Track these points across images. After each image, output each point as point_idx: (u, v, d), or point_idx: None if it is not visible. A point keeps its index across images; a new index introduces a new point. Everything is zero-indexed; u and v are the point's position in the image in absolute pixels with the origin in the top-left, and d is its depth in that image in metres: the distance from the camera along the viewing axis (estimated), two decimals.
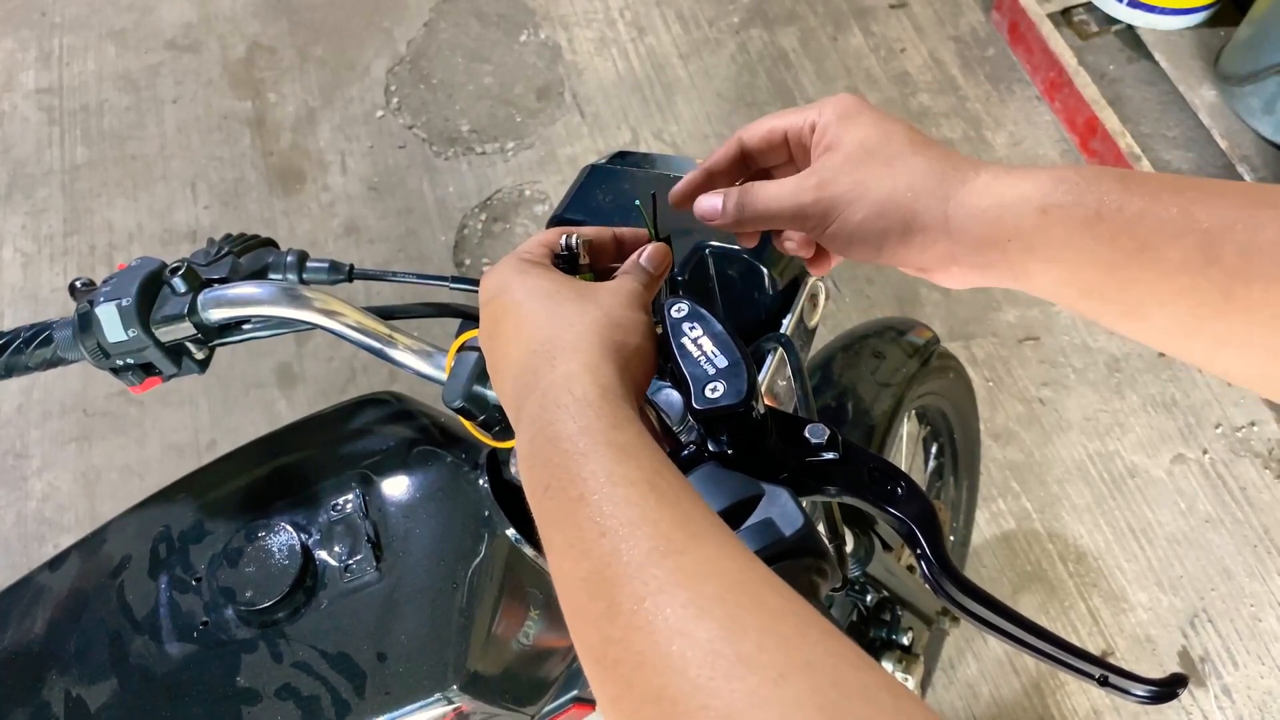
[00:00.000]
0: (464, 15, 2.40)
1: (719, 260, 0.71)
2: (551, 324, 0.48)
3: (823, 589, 0.48)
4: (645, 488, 0.40)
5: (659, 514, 0.39)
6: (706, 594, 0.35)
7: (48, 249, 2.10)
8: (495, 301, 0.52)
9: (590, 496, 0.40)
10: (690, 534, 0.38)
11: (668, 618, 0.35)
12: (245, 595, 0.73)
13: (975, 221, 0.47)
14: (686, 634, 0.34)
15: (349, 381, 1.91)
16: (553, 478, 0.42)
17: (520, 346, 0.49)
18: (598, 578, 0.38)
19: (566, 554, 0.40)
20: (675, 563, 0.37)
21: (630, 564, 0.37)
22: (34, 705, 0.73)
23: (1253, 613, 1.60)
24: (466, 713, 0.74)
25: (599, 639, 0.37)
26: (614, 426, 0.43)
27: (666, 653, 0.34)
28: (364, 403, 0.86)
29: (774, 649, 0.33)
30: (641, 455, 0.42)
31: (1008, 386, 1.83)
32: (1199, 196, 0.42)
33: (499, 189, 2.12)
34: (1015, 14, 2.17)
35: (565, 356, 0.46)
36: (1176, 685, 0.50)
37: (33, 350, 0.74)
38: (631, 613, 0.36)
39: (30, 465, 1.85)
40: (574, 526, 0.40)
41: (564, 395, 0.44)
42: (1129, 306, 0.44)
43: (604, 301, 0.50)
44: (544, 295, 0.50)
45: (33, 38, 2.42)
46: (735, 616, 0.34)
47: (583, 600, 0.39)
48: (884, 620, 1.10)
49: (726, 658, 0.33)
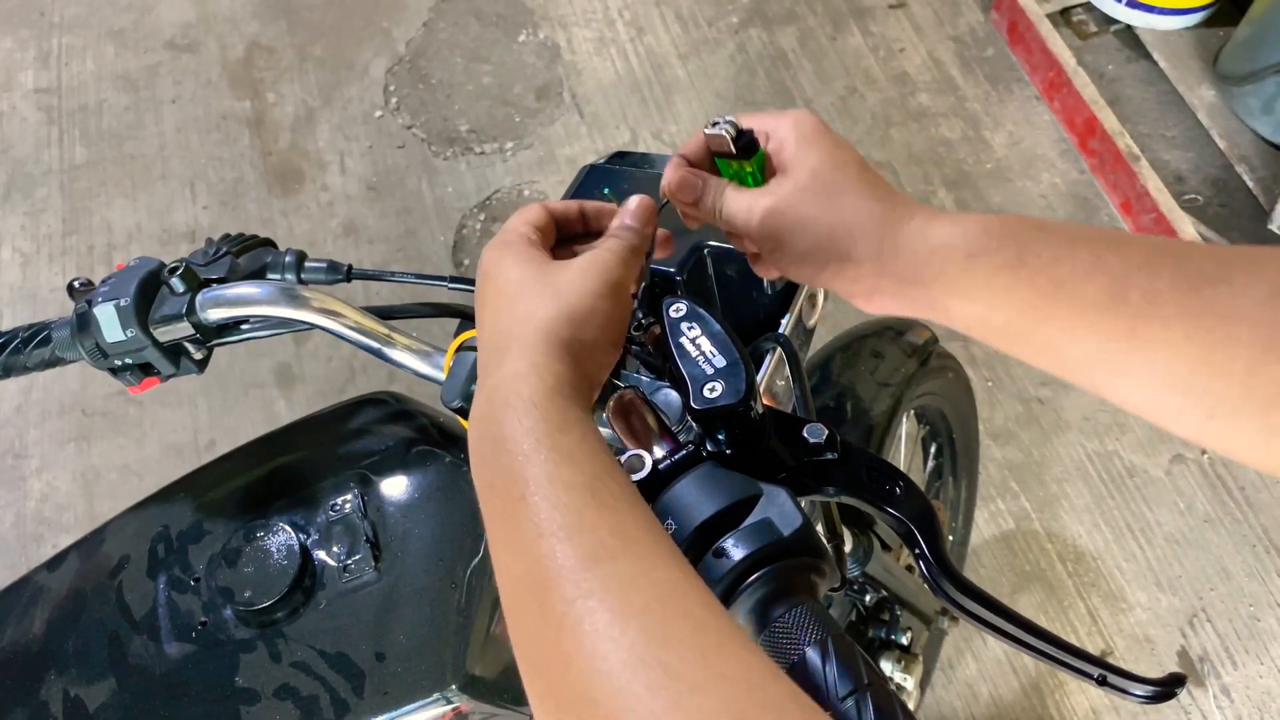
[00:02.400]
0: (463, 15, 2.40)
1: (717, 260, 0.71)
2: (508, 317, 0.49)
3: (821, 588, 0.48)
4: (586, 493, 0.41)
5: (596, 520, 0.40)
6: (635, 603, 0.37)
7: (46, 249, 2.10)
8: (480, 283, 0.53)
9: (530, 498, 0.41)
10: (625, 542, 0.39)
11: (596, 623, 0.36)
12: (244, 595, 0.73)
13: (904, 262, 0.51)
14: (612, 639, 0.36)
15: (348, 381, 1.91)
16: (496, 476, 0.43)
17: (485, 337, 0.50)
18: (532, 578, 0.39)
19: (505, 551, 0.41)
20: (608, 569, 0.38)
21: (564, 567, 0.38)
22: (32, 705, 0.73)
23: (1251, 612, 1.60)
24: (465, 712, 0.74)
25: (531, 637, 0.39)
26: (559, 429, 0.43)
27: (592, 656, 0.36)
28: (363, 403, 0.86)
29: (694, 661, 0.35)
30: (584, 460, 0.42)
31: (1006, 386, 1.83)
32: (1109, 245, 0.46)
33: (498, 189, 2.12)
34: (1014, 14, 2.17)
35: (515, 354, 0.46)
36: (1175, 685, 0.50)
37: (31, 350, 0.74)
38: (561, 615, 0.37)
39: (29, 465, 1.85)
40: (514, 525, 0.41)
41: (511, 394, 0.45)
42: (1043, 342, 0.48)
43: (564, 292, 0.49)
44: (509, 285, 0.50)
45: (31, 37, 2.42)
46: (660, 626, 0.36)
47: (518, 598, 0.40)
48: (883, 620, 1.10)
49: (649, 665, 0.35)
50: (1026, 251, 0.47)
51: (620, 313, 0.51)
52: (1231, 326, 0.42)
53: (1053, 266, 0.46)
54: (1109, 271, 0.45)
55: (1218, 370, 0.42)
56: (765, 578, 0.45)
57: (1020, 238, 0.48)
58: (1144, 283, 0.44)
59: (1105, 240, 0.46)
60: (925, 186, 2.06)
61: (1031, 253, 0.47)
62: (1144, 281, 0.44)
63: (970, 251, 0.49)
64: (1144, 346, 0.44)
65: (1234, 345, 0.42)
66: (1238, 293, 0.42)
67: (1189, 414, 0.44)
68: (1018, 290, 0.47)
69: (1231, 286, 0.42)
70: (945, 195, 2.04)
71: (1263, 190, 1.89)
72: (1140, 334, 0.44)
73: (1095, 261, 0.46)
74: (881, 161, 2.09)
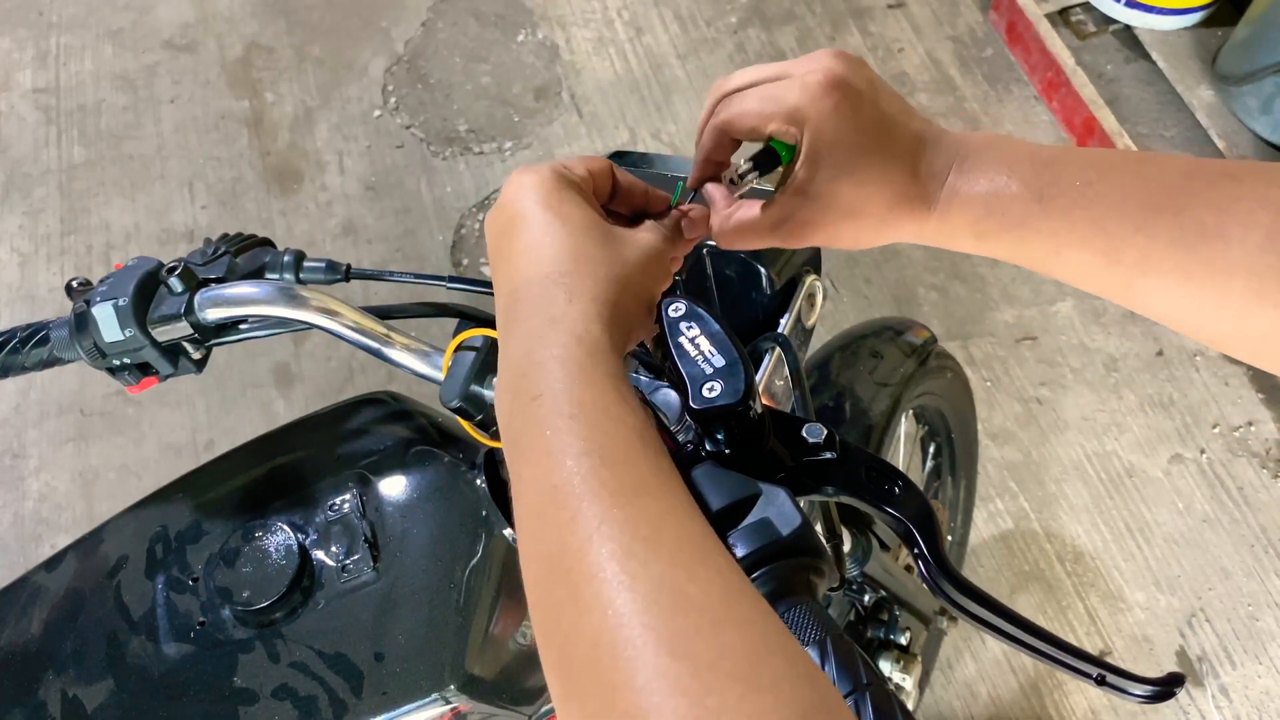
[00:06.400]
0: (462, 15, 2.40)
1: (717, 260, 0.71)
2: (576, 259, 0.48)
3: (820, 588, 0.48)
4: (634, 434, 0.42)
5: (641, 458, 0.41)
6: (666, 537, 0.38)
7: (45, 249, 2.10)
8: (522, 204, 0.50)
9: (583, 416, 0.42)
10: (663, 485, 0.41)
11: (629, 544, 0.37)
12: (242, 595, 0.72)
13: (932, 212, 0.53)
14: (642, 561, 0.37)
15: (346, 381, 1.91)
16: (548, 389, 0.43)
17: (535, 263, 0.48)
18: (569, 489, 0.40)
19: (542, 460, 0.41)
20: (645, 503, 0.39)
21: (604, 488, 0.39)
22: (30, 706, 0.73)
23: (1250, 612, 1.60)
24: (464, 713, 0.74)
25: (556, 544, 0.39)
26: (617, 375, 0.45)
27: (619, 572, 0.37)
28: (361, 403, 0.86)
29: (718, 598, 0.36)
30: (636, 406, 0.44)
31: (1005, 386, 1.83)
32: (1109, 205, 0.48)
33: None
34: (1013, 14, 2.17)
35: (584, 297, 0.47)
36: (1174, 684, 0.50)
37: (29, 350, 0.74)
38: (595, 529, 0.38)
39: (27, 465, 1.85)
40: (558, 439, 0.41)
41: (578, 326, 0.45)
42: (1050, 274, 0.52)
43: (629, 259, 0.50)
44: (575, 226, 0.49)
45: (30, 37, 2.41)
46: (687, 562, 0.37)
47: (547, 505, 0.40)
48: (882, 620, 1.10)
49: (675, 593, 0.36)
50: (1028, 226, 0.50)
51: (655, 299, 0.52)
52: (1225, 280, 0.45)
53: (1052, 238, 0.49)
54: (1107, 235, 0.48)
55: (1210, 317, 0.47)
56: (764, 577, 0.45)
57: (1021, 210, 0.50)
58: (1140, 243, 0.47)
59: (1105, 200, 0.48)
60: None
61: (1032, 229, 0.50)
62: (1140, 243, 0.47)
63: (979, 232, 0.52)
64: (1141, 295, 0.49)
65: (1227, 296, 0.45)
66: (1232, 246, 0.45)
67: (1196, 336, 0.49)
68: (1023, 248, 0.51)
69: (1227, 242, 0.45)
70: None
71: None
72: (1136, 286, 0.48)
73: (1093, 227, 0.48)
74: None
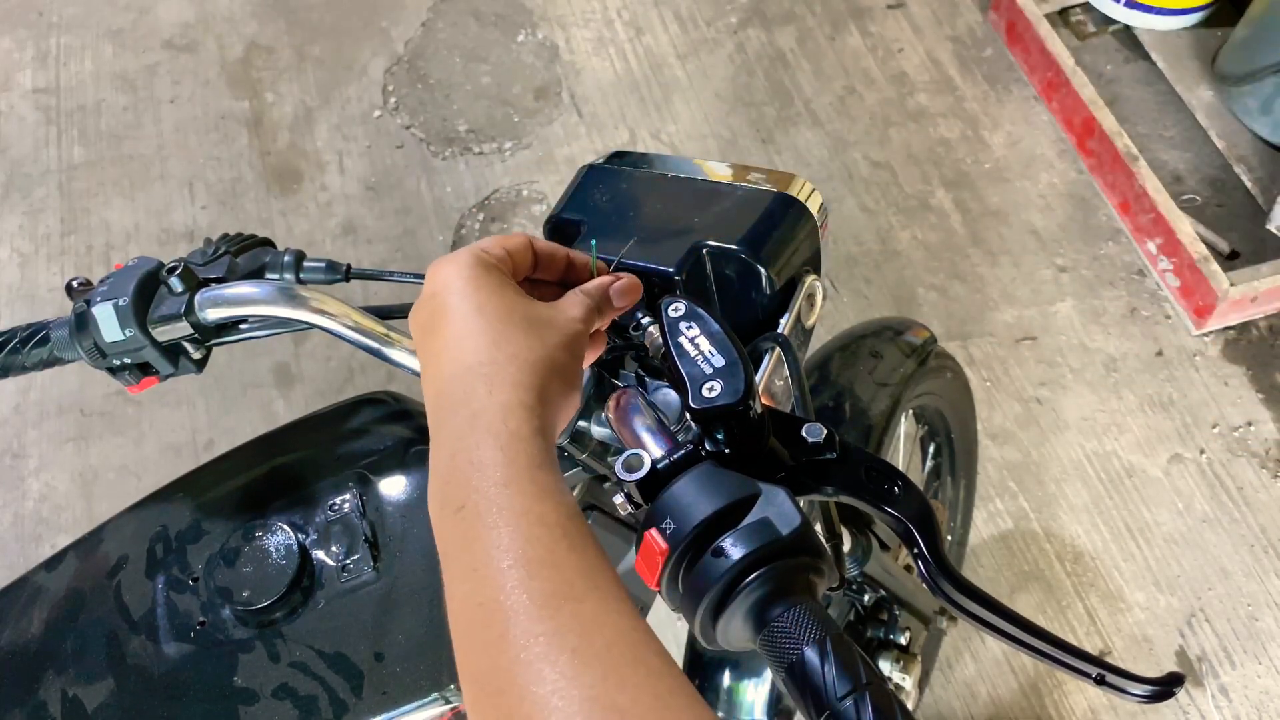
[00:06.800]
0: (462, 15, 2.40)
1: (716, 259, 0.71)
2: (496, 349, 0.48)
3: (820, 588, 0.48)
4: (559, 531, 0.42)
5: (566, 559, 0.41)
6: (596, 645, 0.38)
7: (45, 249, 2.10)
8: (442, 297, 0.50)
9: (504, 527, 0.41)
10: (590, 585, 0.40)
11: (556, 660, 0.37)
12: (242, 595, 0.73)
13: None
14: (571, 678, 0.37)
15: (346, 381, 1.91)
16: (468, 500, 0.43)
17: (456, 358, 0.48)
18: (496, 606, 0.40)
19: (469, 576, 0.42)
20: (573, 609, 0.39)
21: (531, 600, 0.39)
22: (31, 705, 0.73)
23: (1250, 612, 1.60)
24: (463, 712, 0.74)
25: (487, 665, 0.39)
26: (538, 466, 0.44)
27: (551, 693, 0.36)
28: (361, 402, 0.86)
29: (649, 706, 0.36)
30: (559, 500, 0.43)
31: (1005, 386, 1.83)
32: None
33: (496, 189, 2.12)
34: (1013, 14, 2.17)
35: (505, 387, 0.46)
36: (1173, 684, 0.50)
37: (29, 350, 0.74)
38: (522, 647, 0.38)
39: (27, 465, 1.85)
40: (483, 552, 0.41)
41: (497, 423, 0.45)
42: None
43: (549, 341, 0.49)
44: (495, 314, 0.49)
45: (30, 37, 2.41)
46: (617, 669, 0.37)
47: (477, 624, 0.40)
48: (881, 620, 1.10)
49: (605, 708, 0.36)
50: None
51: (580, 375, 0.52)
52: None
53: None
54: None
55: None
56: (764, 577, 0.45)
57: None
58: None
59: None
60: (924, 186, 2.06)
61: None
62: None
63: None
64: None
65: None
66: None
67: None
68: None
69: None
70: (944, 195, 2.04)
71: (1260, 190, 1.89)
72: None
73: None
74: (880, 162, 2.09)
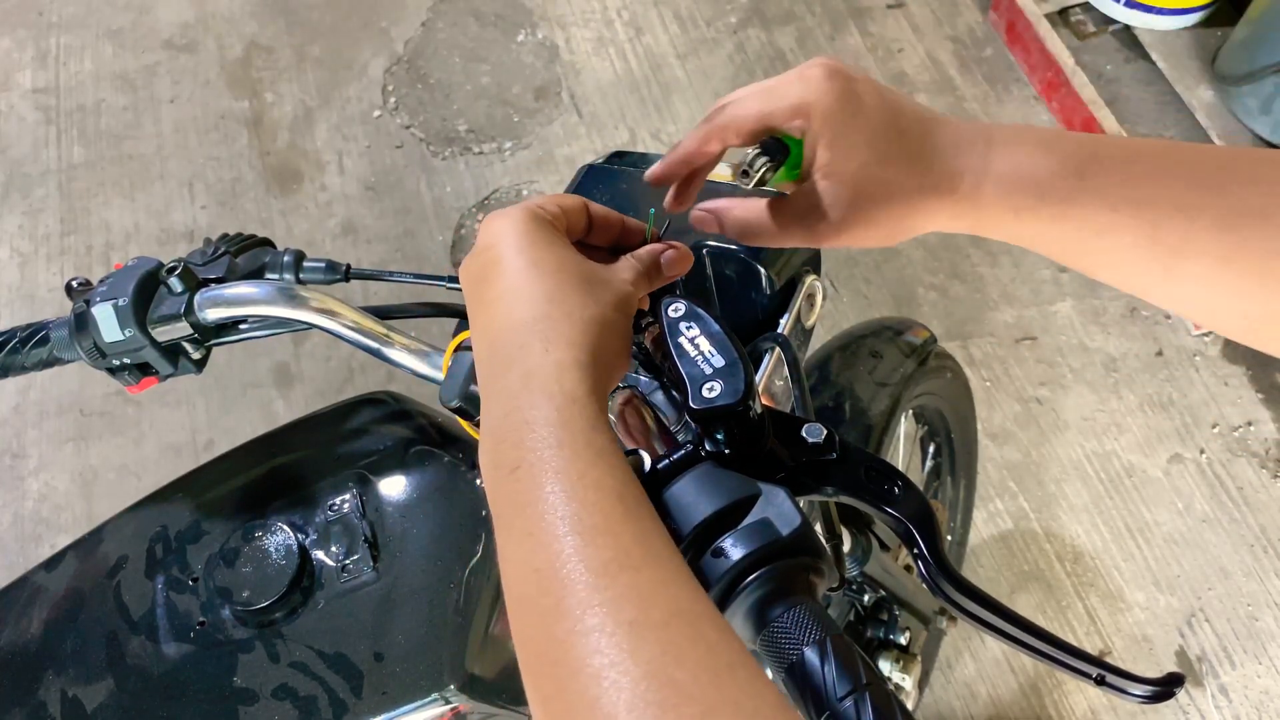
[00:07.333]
0: (461, 15, 2.40)
1: (716, 260, 0.71)
2: (551, 305, 0.46)
3: (820, 588, 0.48)
4: (614, 497, 0.40)
5: (623, 526, 0.39)
6: (653, 617, 0.36)
7: (44, 249, 2.10)
8: (497, 250, 0.49)
9: (560, 491, 0.40)
10: (647, 553, 0.39)
11: (613, 631, 0.36)
12: (242, 595, 0.73)
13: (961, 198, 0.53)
14: (629, 652, 0.35)
15: (346, 381, 1.91)
16: (524, 460, 0.42)
17: (510, 312, 0.47)
18: (551, 573, 0.38)
19: (524, 541, 0.40)
20: (630, 579, 0.38)
21: (587, 569, 0.38)
22: (30, 706, 0.73)
23: (1250, 612, 1.60)
24: (463, 712, 0.74)
25: (542, 635, 0.38)
26: (593, 428, 0.43)
27: (606, 666, 0.35)
28: (361, 402, 0.86)
29: (707, 682, 0.35)
30: (615, 463, 0.42)
31: (1005, 386, 1.83)
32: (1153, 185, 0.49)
33: (496, 189, 2.12)
34: (1013, 14, 2.17)
35: (560, 345, 0.45)
36: (1173, 684, 0.50)
37: (29, 350, 0.74)
38: (578, 618, 0.37)
39: (27, 465, 1.85)
40: (538, 516, 0.40)
41: (552, 383, 0.43)
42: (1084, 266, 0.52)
43: (604, 299, 0.48)
44: (550, 269, 0.47)
45: (29, 37, 2.41)
46: (675, 644, 0.36)
47: (531, 591, 0.39)
48: (881, 620, 1.10)
49: (662, 682, 0.34)
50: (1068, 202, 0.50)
51: (629, 337, 0.50)
52: (1266, 261, 0.46)
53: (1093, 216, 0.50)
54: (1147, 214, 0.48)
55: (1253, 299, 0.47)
56: (764, 578, 0.45)
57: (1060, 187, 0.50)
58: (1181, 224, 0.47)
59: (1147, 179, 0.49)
60: None
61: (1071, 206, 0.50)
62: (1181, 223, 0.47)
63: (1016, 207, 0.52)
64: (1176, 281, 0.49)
65: (1268, 277, 0.46)
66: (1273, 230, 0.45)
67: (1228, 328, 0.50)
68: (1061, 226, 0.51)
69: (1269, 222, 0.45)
70: None
71: None
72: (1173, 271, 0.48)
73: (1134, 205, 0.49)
74: None
